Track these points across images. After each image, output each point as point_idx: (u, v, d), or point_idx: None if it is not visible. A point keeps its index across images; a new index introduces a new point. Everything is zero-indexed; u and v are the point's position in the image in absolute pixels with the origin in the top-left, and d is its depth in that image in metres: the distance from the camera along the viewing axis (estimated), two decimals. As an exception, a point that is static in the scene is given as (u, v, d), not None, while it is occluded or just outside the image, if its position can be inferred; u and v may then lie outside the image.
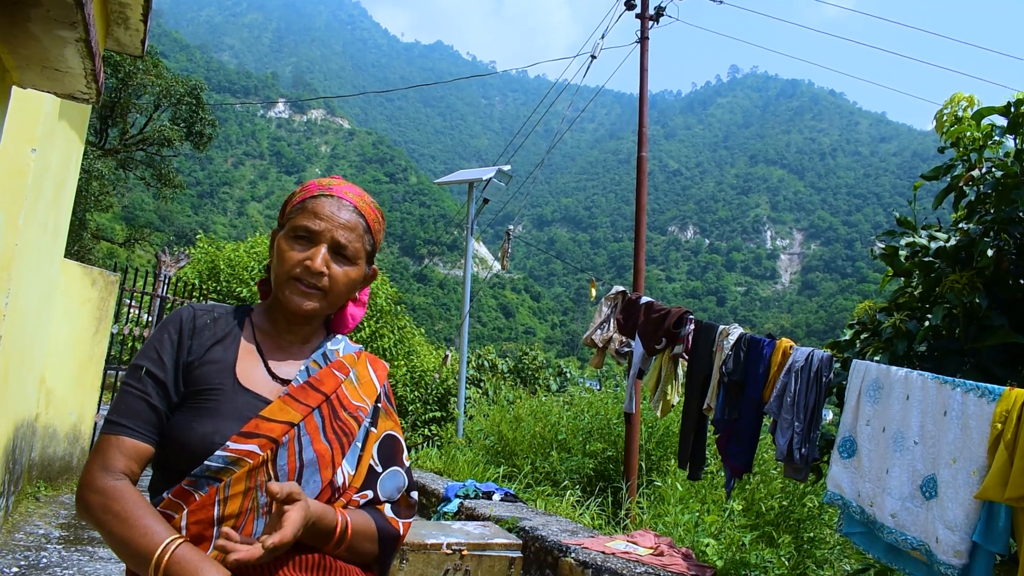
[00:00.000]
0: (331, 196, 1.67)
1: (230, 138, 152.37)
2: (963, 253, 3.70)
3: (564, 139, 60.16)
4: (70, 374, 7.23)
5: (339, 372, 1.69)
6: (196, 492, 1.47)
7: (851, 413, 3.61)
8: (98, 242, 28.15)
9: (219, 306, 1.74)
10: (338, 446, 1.59)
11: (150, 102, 22.75)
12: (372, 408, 1.71)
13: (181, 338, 1.61)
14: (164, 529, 1.41)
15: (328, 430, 1.59)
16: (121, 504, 1.43)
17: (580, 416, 10.61)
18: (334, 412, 1.62)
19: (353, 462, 1.64)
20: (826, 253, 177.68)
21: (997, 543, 2.88)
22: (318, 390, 1.62)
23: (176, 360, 1.58)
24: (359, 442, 1.66)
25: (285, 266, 1.62)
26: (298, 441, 1.54)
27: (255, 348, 1.66)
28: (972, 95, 4.15)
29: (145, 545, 1.38)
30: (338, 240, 1.63)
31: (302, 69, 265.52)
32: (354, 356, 1.77)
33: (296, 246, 1.62)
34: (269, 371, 1.63)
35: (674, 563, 5.07)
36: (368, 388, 1.73)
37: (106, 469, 1.47)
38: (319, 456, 1.55)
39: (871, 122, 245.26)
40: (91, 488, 1.46)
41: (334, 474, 1.58)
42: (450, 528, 5.12)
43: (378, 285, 15.25)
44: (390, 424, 1.74)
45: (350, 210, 1.68)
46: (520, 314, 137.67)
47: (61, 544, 5.12)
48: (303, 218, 1.63)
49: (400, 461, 1.72)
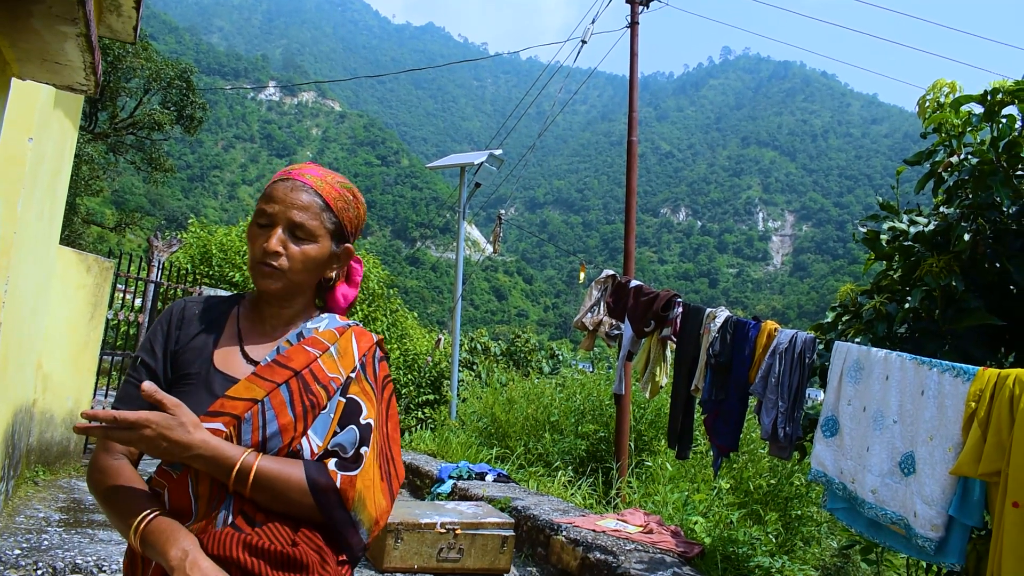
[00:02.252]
0: (288, 179, 1.76)
1: (220, 121, 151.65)
2: (941, 237, 3.80)
3: (556, 121, 59.69)
4: (67, 360, 7.29)
5: (313, 348, 1.75)
6: (173, 471, 1.61)
7: (833, 393, 3.71)
8: (88, 227, 28.07)
9: (212, 297, 1.87)
10: (303, 417, 1.66)
11: (140, 86, 22.64)
12: (345, 378, 1.77)
13: (170, 329, 1.76)
14: (146, 502, 1.56)
15: (296, 404, 1.66)
16: (115, 480, 1.60)
17: (572, 398, 10.72)
18: (305, 386, 1.69)
19: (322, 432, 1.69)
20: (817, 234, 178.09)
21: (972, 516, 2.99)
22: (286, 366, 1.70)
23: (165, 349, 1.73)
24: (331, 412, 1.71)
25: (252, 251, 1.74)
26: (262, 416, 1.63)
27: (236, 334, 1.77)
28: (954, 81, 4.23)
29: (128, 517, 1.54)
30: (292, 219, 1.71)
31: (292, 51, 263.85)
32: (336, 332, 1.83)
33: (259, 232, 1.73)
34: (245, 354, 1.74)
35: (663, 540, 5.19)
36: (347, 360, 1.79)
37: (107, 451, 1.64)
38: (283, 429, 1.63)
39: (862, 104, 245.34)
40: (95, 467, 1.64)
41: (297, 444, 1.64)
42: (444, 508, 5.22)
43: (370, 268, 15.30)
44: (357, 390, 1.77)
45: (305, 190, 1.75)
46: (513, 297, 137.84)
47: (61, 527, 5.21)
48: (262, 203, 1.74)
49: (357, 420, 1.74)
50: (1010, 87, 3.59)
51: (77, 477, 7.11)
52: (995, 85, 3.61)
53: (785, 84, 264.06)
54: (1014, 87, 3.58)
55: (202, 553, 1.50)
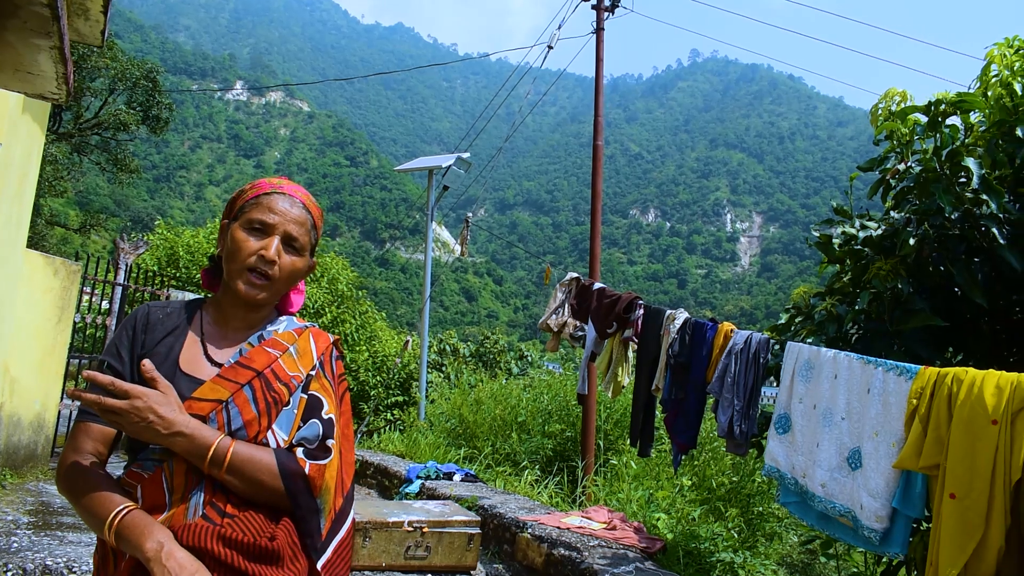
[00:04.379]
0: (283, 194, 1.89)
1: (187, 121, 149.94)
2: (889, 242, 3.96)
3: (526, 123, 59.33)
4: (34, 363, 7.28)
5: (273, 349, 1.87)
6: (144, 472, 1.71)
7: (786, 391, 3.86)
8: (52, 228, 27.71)
9: (174, 302, 1.96)
10: (266, 413, 1.78)
11: (105, 85, 22.37)
12: (306, 376, 1.89)
13: (135, 334, 1.85)
14: (119, 498, 1.64)
15: (259, 400, 1.78)
16: (86, 480, 1.67)
17: (539, 398, 10.84)
18: (267, 384, 1.80)
19: (287, 427, 1.80)
20: (785, 236, 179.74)
21: (914, 508, 3.13)
22: (248, 367, 1.81)
23: (131, 353, 1.82)
24: (294, 408, 1.83)
25: (241, 254, 1.81)
26: (226, 413, 1.74)
27: (199, 338, 1.87)
28: (904, 91, 4.39)
29: (102, 512, 1.61)
30: (290, 233, 1.85)
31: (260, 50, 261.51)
32: (294, 333, 1.95)
33: (251, 237, 1.82)
34: (208, 357, 1.83)
35: (626, 536, 5.32)
36: (306, 359, 1.91)
37: (77, 451, 1.73)
38: (246, 424, 1.74)
39: (828, 106, 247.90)
40: (65, 468, 1.72)
41: (263, 437, 1.75)
42: (411, 507, 5.31)
43: (339, 270, 15.32)
44: (317, 386, 1.89)
45: (300, 207, 1.90)
46: (483, 298, 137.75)
47: (31, 529, 5.23)
48: (258, 212, 1.84)
49: (319, 415, 1.85)
50: (952, 98, 3.76)
51: (45, 480, 7.10)
52: (938, 96, 3.77)
53: (753, 87, 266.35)
54: (956, 98, 3.74)
55: (177, 545, 1.58)
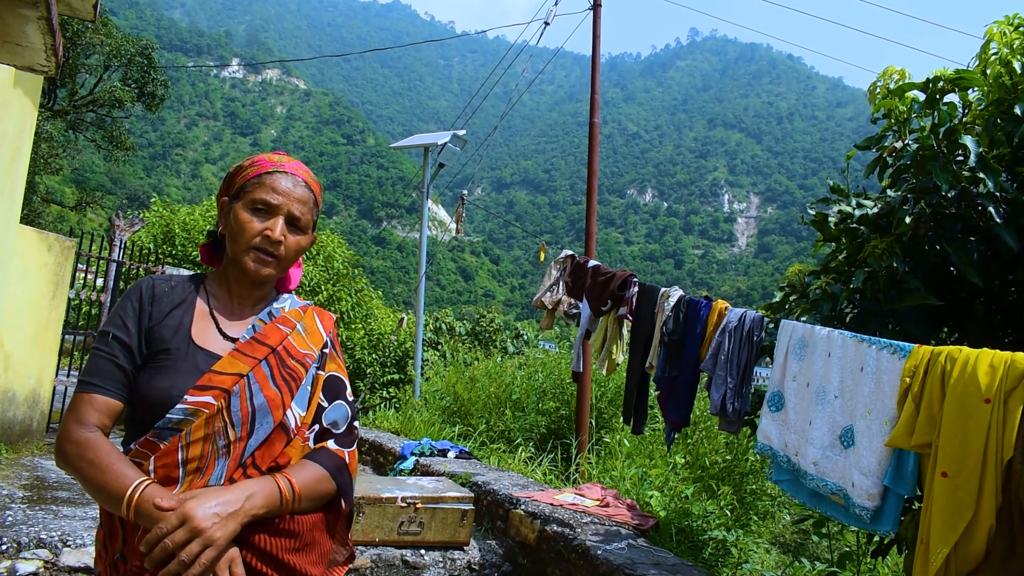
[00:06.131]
0: (285, 173, 1.87)
1: (183, 98, 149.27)
2: (884, 220, 3.94)
3: (523, 101, 58.71)
4: (28, 339, 7.25)
5: (283, 326, 1.89)
6: (160, 442, 1.66)
7: (779, 370, 3.85)
8: (48, 205, 27.60)
9: (175, 276, 1.94)
10: (287, 390, 1.80)
11: (100, 62, 22.23)
12: (319, 354, 1.92)
13: (142, 305, 1.81)
14: (134, 472, 1.61)
15: (276, 377, 1.79)
16: (95, 453, 1.62)
17: (534, 376, 10.86)
18: (281, 361, 1.82)
19: (303, 403, 1.84)
20: (782, 216, 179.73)
21: (905, 486, 3.13)
22: (263, 343, 1.82)
23: (139, 325, 1.78)
24: (308, 385, 1.86)
25: (246, 235, 1.81)
26: (248, 388, 1.74)
27: (208, 311, 1.86)
28: (903, 69, 4.36)
29: (118, 487, 1.57)
30: (294, 213, 1.85)
31: (256, 27, 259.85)
32: (300, 311, 1.97)
33: (255, 217, 1.82)
34: (220, 331, 1.83)
35: (619, 513, 5.34)
36: (315, 337, 1.94)
37: (80, 423, 1.66)
38: (269, 401, 1.75)
39: (828, 87, 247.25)
40: (67, 440, 1.65)
41: (284, 415, 1.78)
42: (405, 483, 5.32)
43: (335, 248, 15.28)
44: (334, 366, 1.95)
45: (303, 186, 1.89)
46: (479, 277, 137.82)
47: (25, 503, 5.23)
48: (262, 192, 1.83)
49: (344, 396, 1.93)
50: (951, 75, 3.73)
51: (40, 455, 7.10)
52: (936, 73, 3.74)
53: (752, 66, 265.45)
54: (954, 75, 3.71)
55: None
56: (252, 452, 1.72)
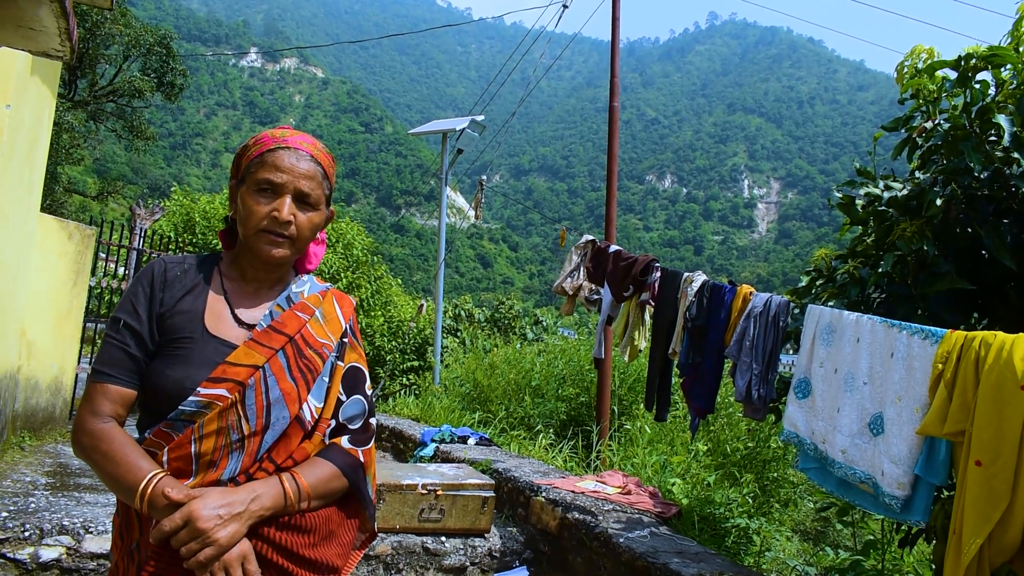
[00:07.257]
0: (288, 148, 1.77)
1: (202, 88, 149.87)
2: (914, 202, 3.85)
3: (541, 88, 57.44)
4: (50, 327, 7.28)
5: (302, 313, 1.81)
6: (174, 433, 1.62)
7: (806, 356, 3.78)
8: (70, 195, 27.79)
9: (189, 257, 1.86)
10: (303, 382, 1.73)
11: (119, 52, 22.34)
12: (337, 343, 1.84)
13: (153, 291, 1.74)
14: (148, 464, 1.57)
15: (293, 368, 1.72)
16: (109, 444, 1.59)
17: (554, 363, 10.81)
18: (299, 351, 1.75)
19: (321, 396, 1.77)
20: (803, 202, 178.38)
21: (937, 475, 3.06)
22: (281, 332, 1.74)
23: (150, 311, 1.72)
24: (326, 376, 1.79)
25: (254, 219, 1.73)
26: (264, 382, 1.67)
27: (223, 296, 1.78)
28: (932, 47, 4.25)
29: (131, 479, 1.55)
30: (301, 189, 1.75)
31: (274, 16, 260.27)
32: (319, 296, 1.89)
33: (261, 199, 1.73)
34: (236, 318, 1.76)
35: (641, 501, 5.29)
36: (334, 325, 1.86)
37: (95, 413, 1.63)
38: (285, 394, 1.69)
39: (849, 70, 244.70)
40: (83, 431, 1.63)
41: (300, 409, 1.72)
42: (425, 470, 5.29)
43: (354, 235, 15.28)
44: (354, 356, 1.88)
45: (308, 159, 1.79)
46: (498, 264, 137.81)
47: (48, 490, 5.25)
48: (265, 171, 1.74)
49: (362, 390, 1.86)
50: (983, 52, 3.63)
51: (63, 442, 7.14)
52: (969, 50, 3.64)
53: (772, 50, 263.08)
54: (987, 52, 3.61)
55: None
56: (268, 447, 1.68)
